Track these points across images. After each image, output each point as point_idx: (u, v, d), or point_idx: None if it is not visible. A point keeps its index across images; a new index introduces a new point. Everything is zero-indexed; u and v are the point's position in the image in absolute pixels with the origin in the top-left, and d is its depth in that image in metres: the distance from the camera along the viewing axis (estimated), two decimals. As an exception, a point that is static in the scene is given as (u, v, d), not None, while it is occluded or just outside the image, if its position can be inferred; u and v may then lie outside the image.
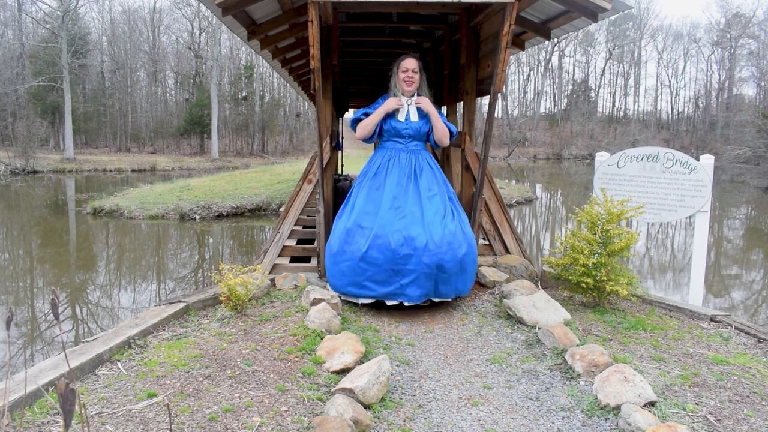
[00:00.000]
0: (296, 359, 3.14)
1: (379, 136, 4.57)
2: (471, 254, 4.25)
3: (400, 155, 4.42)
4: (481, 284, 4.81)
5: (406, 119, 4.43)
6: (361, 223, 4.19)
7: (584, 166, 38.48)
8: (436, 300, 4.26)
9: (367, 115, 4.42)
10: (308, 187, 5.25)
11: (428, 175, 4.38)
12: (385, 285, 4.08)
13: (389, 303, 4.17)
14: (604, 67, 57.49)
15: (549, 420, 2.69)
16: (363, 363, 3.04)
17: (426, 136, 4.52)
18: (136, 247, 11.46)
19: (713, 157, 4.79)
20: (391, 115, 4.43)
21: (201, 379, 2.81)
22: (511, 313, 3.97)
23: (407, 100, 4.44)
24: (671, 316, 4.07)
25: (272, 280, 4.67)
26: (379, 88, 10.30)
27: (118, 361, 3.03)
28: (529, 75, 57.29)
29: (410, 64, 4.41)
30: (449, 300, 4.33)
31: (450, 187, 4.52)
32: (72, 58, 32.52)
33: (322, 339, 3.37)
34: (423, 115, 4.45)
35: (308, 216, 5.32)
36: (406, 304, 4.15)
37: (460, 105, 5.97)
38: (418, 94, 4.46)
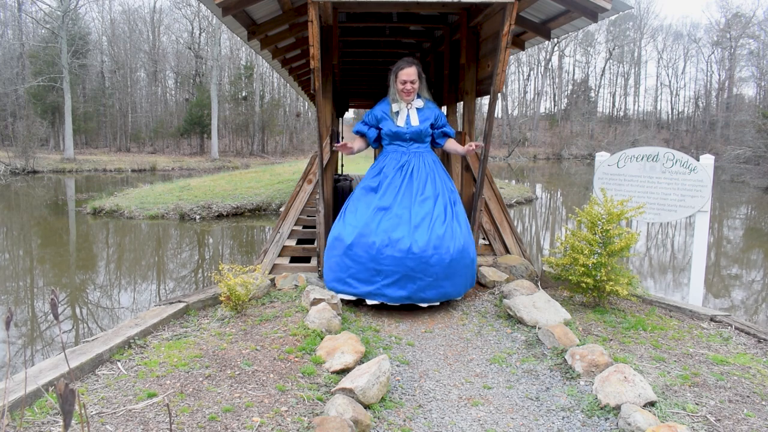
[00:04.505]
0: (296, 359, 3.14)
1: (381, 140, 4.59)
2: (463, 258, 4.15)
3: (400, 158, 4.45)
4: (481, 284, 4.81)
5: (406, 124, 4.44)
6: (351, 222, 4.25)
7: (584, 166, 38.46)
8: (424, 305, 4.20)
9: (361, 133, 4.57)
10: (308, 187, 5.25)
11: (423, 177, 4.37)
12: (366, 284, 4.10)
13: (369, 302, 4.20)
14: (604, 67, 57.51)
15: (549, 420, 2.69)
16: (363, 363, 3.04)
17: (429, 137, 4.53)
18: (136, 247, 11.46)
19: (713, 157, 4.78)
20: (391, 121, 4.45)
21: (201, 379, 2.81)
22: (511, 313, 3.97)
23: (407, 104, 4.45)
24: (671, 316, 4.07)
25: (272, 280, 4.68)
26: (379, 89, 10.32)
27: (118, 361, 3.03)
28: (529, 75, 57.31)
29: (408, 75, 4.31)
30: (437, 304, 4.25)
31: (451, 189, 4.49)
32: (72, 58, 32.52)
33: (322, 339, 3.37)
34: (423, 118, 4.46)
35: (308, 216, 5.32)
36: (387, 304, 4.18)
37: (460, 105, 5.97)
38: (418, 96, 4.47)
